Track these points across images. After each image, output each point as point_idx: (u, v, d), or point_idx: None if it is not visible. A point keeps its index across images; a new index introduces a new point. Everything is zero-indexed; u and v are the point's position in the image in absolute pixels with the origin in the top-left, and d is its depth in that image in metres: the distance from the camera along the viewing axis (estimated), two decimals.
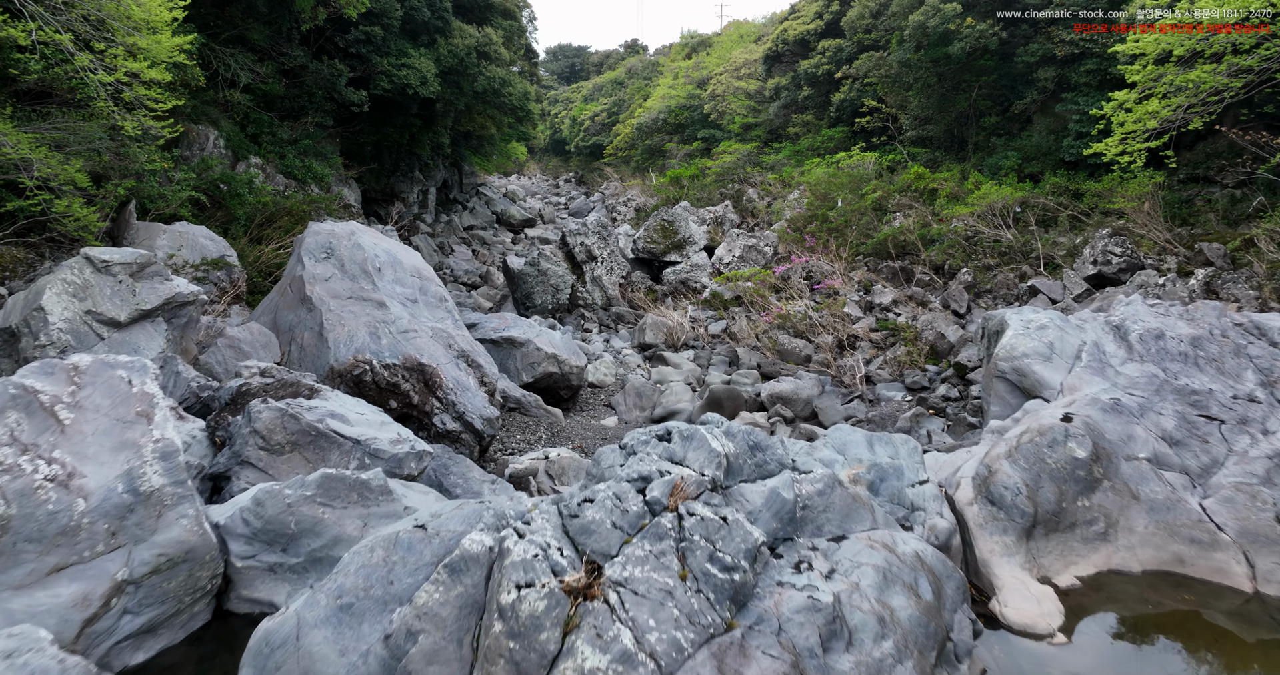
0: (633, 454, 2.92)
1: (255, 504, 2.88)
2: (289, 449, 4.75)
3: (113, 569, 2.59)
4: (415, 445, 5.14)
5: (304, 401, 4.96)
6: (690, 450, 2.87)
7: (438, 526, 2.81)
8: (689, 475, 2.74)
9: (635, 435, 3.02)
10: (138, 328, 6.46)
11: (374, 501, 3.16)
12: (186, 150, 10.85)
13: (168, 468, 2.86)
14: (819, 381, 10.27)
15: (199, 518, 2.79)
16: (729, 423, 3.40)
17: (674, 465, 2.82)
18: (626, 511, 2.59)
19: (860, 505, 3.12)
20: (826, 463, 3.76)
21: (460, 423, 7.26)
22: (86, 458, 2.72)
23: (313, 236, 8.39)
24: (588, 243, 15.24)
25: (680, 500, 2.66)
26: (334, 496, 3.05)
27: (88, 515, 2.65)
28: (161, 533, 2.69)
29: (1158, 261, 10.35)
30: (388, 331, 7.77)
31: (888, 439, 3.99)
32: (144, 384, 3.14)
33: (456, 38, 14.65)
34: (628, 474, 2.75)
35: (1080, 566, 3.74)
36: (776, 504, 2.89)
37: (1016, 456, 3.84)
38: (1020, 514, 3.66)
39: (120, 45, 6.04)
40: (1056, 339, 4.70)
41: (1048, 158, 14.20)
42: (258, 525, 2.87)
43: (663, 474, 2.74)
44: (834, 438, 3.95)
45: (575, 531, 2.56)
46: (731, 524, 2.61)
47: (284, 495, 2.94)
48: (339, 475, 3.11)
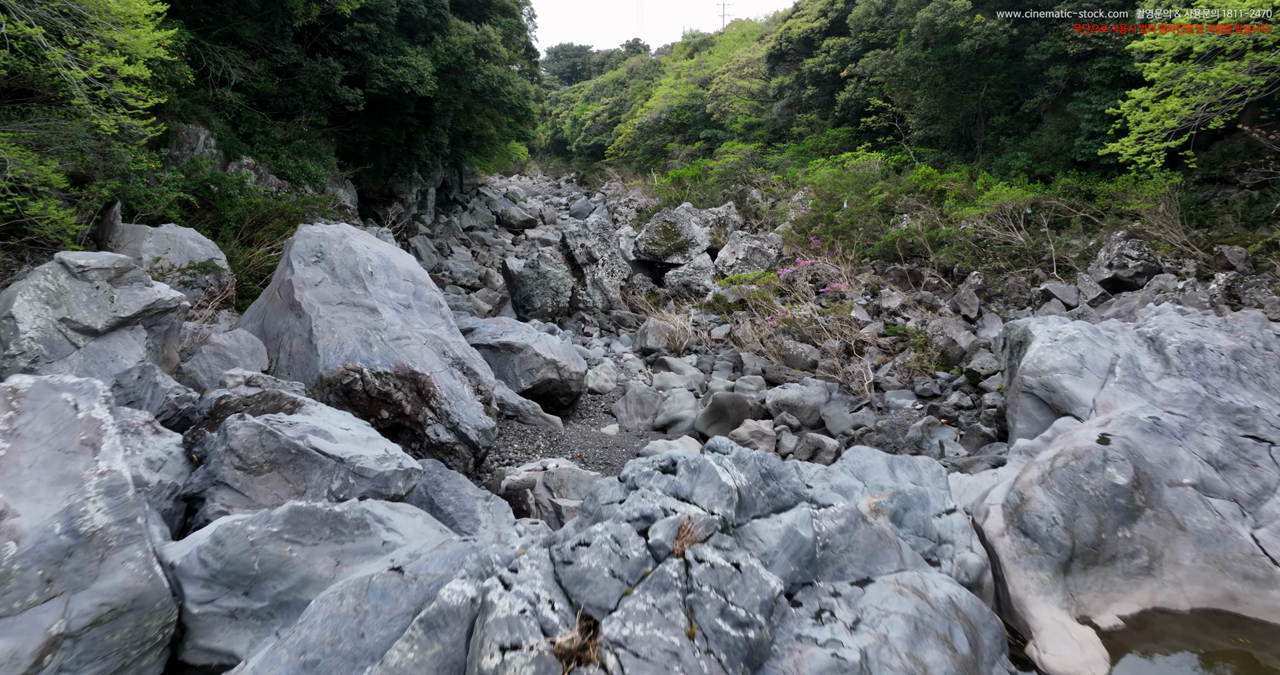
0: (634, 489, 2.62)
1: (214, 543, 2.59)
2: (267, 468, 4.45)
3: (47, 622, 2.29)
4: (403, 463, 4.84)
5: (284, 417, 4.67)
6: (698, 485, 2.57)
7: (416, 570, 2.51)
8: (697, 515, 2.44)
9: (637, 467, 2.72)
10: (116, 336, 6.17)
11: (349, 537, 2.87)
12: (176, 150, 10.56)
13: (114, 504, 2.56)
14: (826, 388, 9.96)
15: (149, 560, 2.50)
16: (738, 449, 3.09)
17: (680, 502, 2.51)
18: (627, 558, 2.29)
19: (886, 543, 2.82)
20: (845, 490, 3.45)
21: (454, 434, 6.96)
22: (21, 494, 2.42)
23: (302, 239, 8.10)
24: (588, 244, 14.94)
25: (687, 544, 2.36)
26: (304, 532, 2.76)
27: (19, 561, 2.35)
28: (105, 579, 2.40)
29: (1176, 265, 10.03)
30: (379, 338, 7.48)
31: (910, 462, 3.69)
32: (92, 409, 2.85)
33: (454, 35, 14.35)
34: (628, 513, 2.45)
35: (1123, 604, 3.42)
36: (794, 544, 2.59)
37: (1051, 483, 3.53)
38: (1057, 547, 3.35)
39: (96, 39, 5.74)
40: (1087, 352, 4.39)
41: (1059, 158, 13.88)
42: (217, 566, 2.58)
43: (667, 513, 2.44)
44: (852, 461, 3.64)
45: (569, 581, 2.26)
46: (745, 572, 2.31)
47: (247, 532, 2.64)
48: (310, 509, 2.81)
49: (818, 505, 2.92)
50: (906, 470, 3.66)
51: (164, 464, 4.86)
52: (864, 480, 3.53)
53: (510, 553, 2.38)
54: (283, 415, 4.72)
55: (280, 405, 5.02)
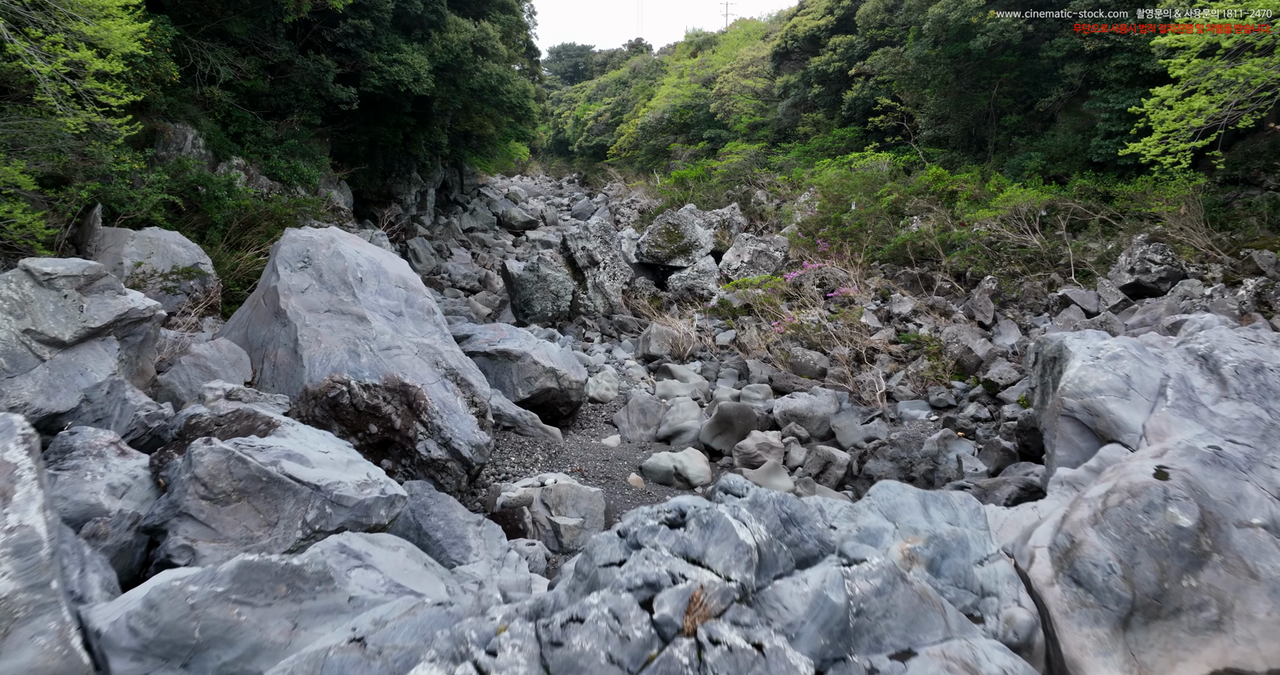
0: (636, 547, 2.24)
1: (148, 607, 2.22)
2: (236, 498, 4.08)
3: None
4: (386, 489, 4.46)
5: (256, 440, 4.29)
6: (711, 543, 2.19)
7: (380, 641, 2.13)
8: (711, 583, 2.06)
9: (639, 519, 2.34)
10: (85, 347, 5.80)
11: (309, 594, 2.50)
12: (162, 150, 10.20)
13: (23, 567, 2.19)
14: (836, 398, 9.57)
15: (64, 632, 2.13)
16: (754, 490, 2.70)
17: (690, 566, 2.13)
18: (628, 638, 1.91)
19: (929, 607, 2.43)
20: (874, 533, 3.06)
21: (446, 450, 6.59)
22: None
23: (289, 244, 7.73)
24: (589, 247, 14.56)
25: (700, 620, 1.98)
26: (255, 591, 2.39)
27: None
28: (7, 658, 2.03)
29: (1200, 270, 9.63)
30: (368, 348, 7.10)
31: (945, 500, 3.30)
32: (5, 450, 2.48)
33: (451, 32, 13.98)
34: (629, 580, 2.07)
35: (1191, 664, 3.02)
36: (824, 612, 2.21)
37: (1105, 524, 3.13)
38: (1115, 599, 2.96)
39: (63, 32, 5.38)
40: (1134, 371, 4.00)
41: (1074, 158, 13.47)
42: (150, 635, 2.21)
43: (676, 580, 2.06)
44: (880, 499, 3.26)
45: (557, 668, 1.88)
46: (770, 655, 1.93)
47: (186, 593, 2.28)
48: (263, 563, 2.44)
49: (848, 560, 2.53)
50: (941, 508, 3.27)
51: (128, 489, 4.50)
52: (895, 521, 3.15)
53: (489, 629, 2.00)
54: (254, 438, 4.35)
55: (254, 426, 4.64)
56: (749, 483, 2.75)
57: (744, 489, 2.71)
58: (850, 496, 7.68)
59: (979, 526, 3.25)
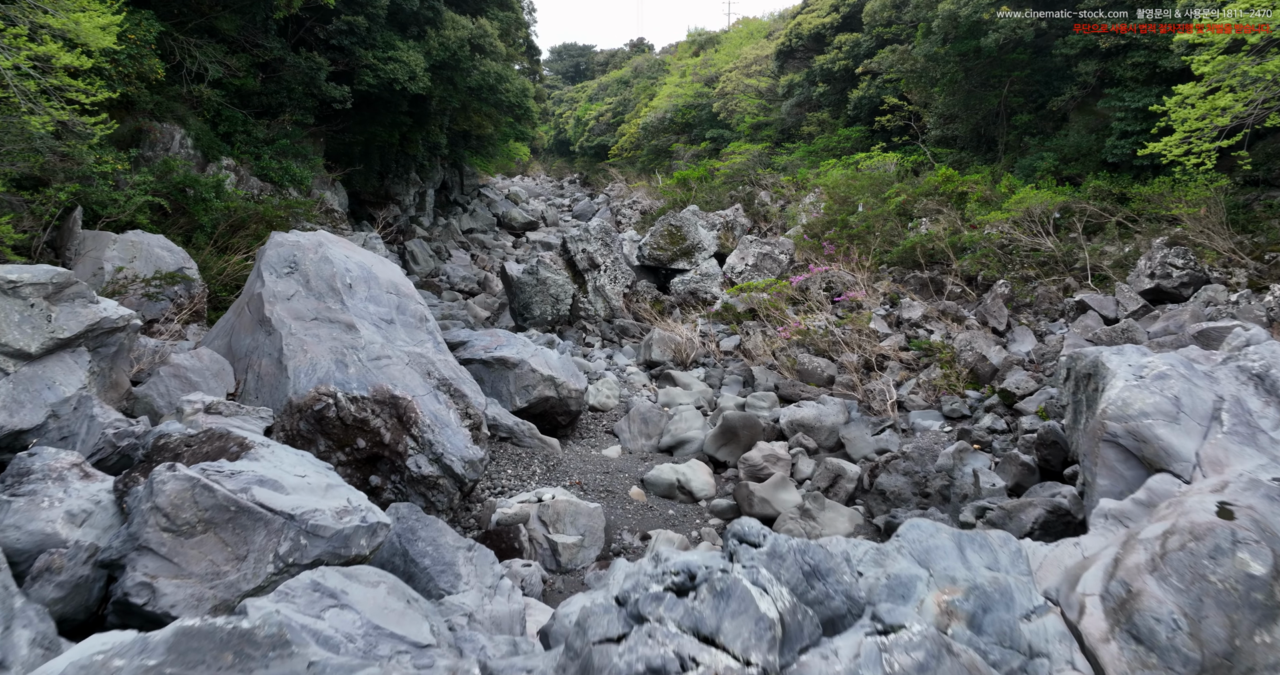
0: (638, 620, 1.90)
1: None
2: (201, 529, 3.75)
3: None
4: (368, 517, 4.12)
5: (226, 465, 3.96)
6: (727, 617, 1.85)
7: None
8: (727, 671, 1.71)
9: (641, 582, 2.00)
10: (54, 359, 5.47)
11: (260, 661, 2.17)
12: (149, 150, 9.87)
13: None
14: (844, 407, 9.22)
15: None
16: (772, 538, 2.36)
17: (702, 645, 1.79)
18: None
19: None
20: (906, 582, 2.72)
21: (438, 466, 6.26)
22: None
23: (274, 248, 7.39)
24: (590, 249, 14.22)
25: None
26: (195, 663, 2.05)
27: None
28: None
29: (1224, 274, 9.27)
30: (356, 358, 6.77)
31: (983, 542, 2.96)
32: None
33: (448, 29, 13.63)
34: (629, 664, 1.73)
35: None
36: None
37: (1165, 571, 2.78)
38: (1182, 660, 2.61)
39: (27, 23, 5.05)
40: (1183, 392, 3.65)
41: (1088, 159, 13.11)
42: None
43: (685, 665, 1.72)
44: (911, 540, 2.91)
45: None
46: None
47: (112, 669, 1.95)
48: (205, 630, 2.10)
49: (882, 625, 2.19)
50: (979, 551, 2.92)
51: (89, 517, 4.16)
52: (929, 567, 2.80)
53: None
54: (224, 462, 4.01)
55: (225, 447, 4.31)
56: (765, 529, 2.40)
57: (760, 537, 2.37)
58: (863, 513, 7.34)
59: (1021, 572, 2.90)
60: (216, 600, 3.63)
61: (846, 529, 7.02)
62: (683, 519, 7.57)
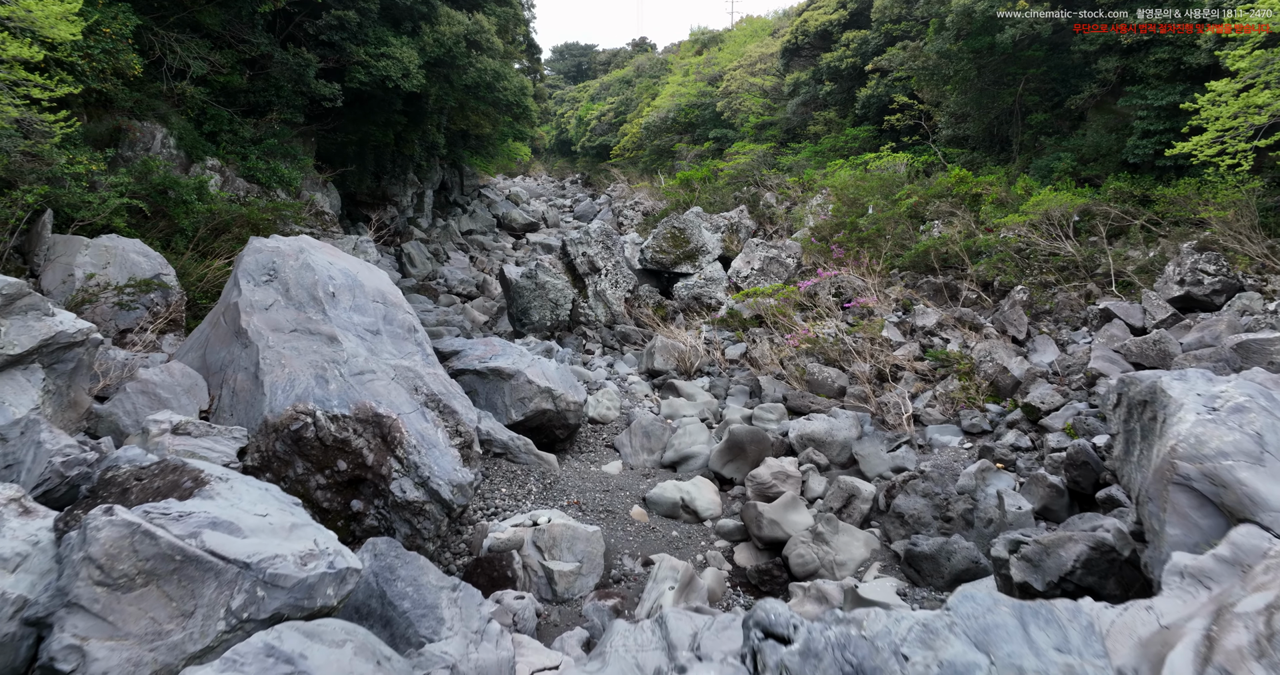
0: None
1: None
2: (141, 582, 3.29)
3: None
4: (336, 562, 3.67)
5: (174, 505, 3.50)
6: None
7: None
8: None
9: None
10: (4, 377, 5.03)
11: None
12: (128, 150, 9.43)
13: None
14: (857, 420, 8.76)
15: None
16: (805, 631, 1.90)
17: None
18: None
19: None
20: (963, 671, 2.25)
21: (424, 491, 5.80)
22: None
23: (253, 255, 6.94)
24: (590, 253, 13.76)
25: None
26: None
27: None
28: None
29: (1259, 281, 8.79)
30: (338, 373, 6.32)
31: (1049, 616, 2.49)
32: None
33: (443, 24, 13.17)
34: None
35: None
36: None
37: (1276, 657, 2.31)
38: None
39: None
40: (1266, 428, 3.17)
41: (1107, 159, 12.62)
42: None
43: None
44: (965, 616, 2.44)
45: None
46: None
47: None
48: None
49: None
50: (1045, 628, 2.46)
51: (23, 561, 3.70)
52: (988, 651, 2.33)
53: None
54: (173, 501, 3.56)
55: (179, 482, 3.85)
56: (794, 618, 1.94)
57: (788, 628, 1.90)
58: (879, 536, 6.87)
59: (1095, 654, 2.44)
60: (157, 665, 3.18)
61: (863, 555, 6.56)
62: (687, 541, 7.12)
